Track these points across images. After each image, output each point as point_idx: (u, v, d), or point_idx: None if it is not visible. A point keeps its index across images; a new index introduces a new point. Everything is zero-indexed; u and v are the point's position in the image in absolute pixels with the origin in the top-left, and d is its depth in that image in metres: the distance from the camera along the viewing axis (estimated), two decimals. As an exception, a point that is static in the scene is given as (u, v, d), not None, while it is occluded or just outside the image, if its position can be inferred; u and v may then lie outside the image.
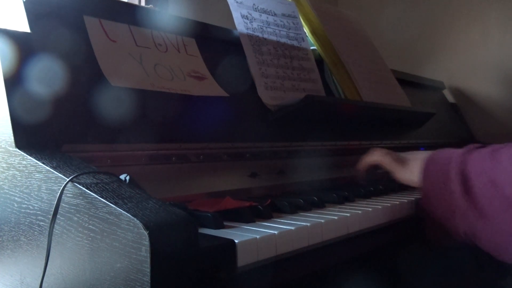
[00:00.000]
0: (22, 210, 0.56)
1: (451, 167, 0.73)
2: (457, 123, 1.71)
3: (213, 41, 0.94)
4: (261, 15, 1.05)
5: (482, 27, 1.72)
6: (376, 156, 0.90)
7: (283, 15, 1.12)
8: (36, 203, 0.54)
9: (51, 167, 0.52)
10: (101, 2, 0.78)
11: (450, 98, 1.78)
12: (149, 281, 0.40)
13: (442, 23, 1.82)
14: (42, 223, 0.53)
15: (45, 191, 0.52)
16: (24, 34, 0.65)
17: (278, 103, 0.95)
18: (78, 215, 0.48)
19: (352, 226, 0.66)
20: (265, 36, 1.03)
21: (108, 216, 0.44)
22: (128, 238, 0.42)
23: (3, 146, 0.59)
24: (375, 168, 0.92)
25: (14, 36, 0.63)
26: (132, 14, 0.82)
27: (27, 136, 0.58)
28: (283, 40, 1.07)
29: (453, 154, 0.76)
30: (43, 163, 0.54)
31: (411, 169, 0.83)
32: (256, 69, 0.97)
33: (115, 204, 0.44)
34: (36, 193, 0.54)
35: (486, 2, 1.71)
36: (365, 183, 0.94)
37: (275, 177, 0.88)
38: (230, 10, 1.00)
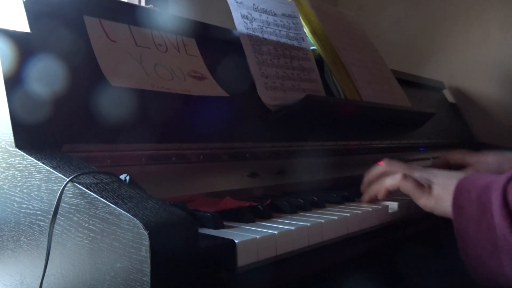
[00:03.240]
0: (22, 210, 0.56)
1: (492, 199, 0.61)
2: (457, 123, 1.71)
3: (213, 41, 0.94)
4: (261, 15, 1.05)
5: (482, 27, 1.72)
6: (395, 180, 0.76)
7: (283, 15, 1.12)
8: (36, 203, 0.54)
9: (51, 167, 0.52)
10: (101, 2, 0.78)
11: (450, 98, 1.78)
12: (149, 281, 0.40)
13: (442, 23, 1.82)
14: (42, 223, 0.53)
15: (45, 191, 0.52)
16: (24, 34, 0.65)
17: (278, 103, 0.95)
18: (78, 215, 0.48)
19: (352, 226, 0.66)
20: (265, 36, 1.03)
21: (108, 216, 0.44)
22: (128, 238, 0.42)
23: (3, 146, 0.59)
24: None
25: (14, 36, 0.63)
26: (132, 14, 0.82)
27: (27, 136, 0.58)
28: (283, 40, 1.07)
29: (492, 180, 0.64)
30: (43, 163, 0.54)
31: (437, 197, 0.71)
32: (256, 69, 0.97)
33: (115, 204, 0.44)
34: (36, 193, 0.54)
35: (486, 2, 1.71)
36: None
37: (275, 177, 0.88)
38: (230, 10, 1.00)
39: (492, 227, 0.61)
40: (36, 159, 0.54)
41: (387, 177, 0.79)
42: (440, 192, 0.71)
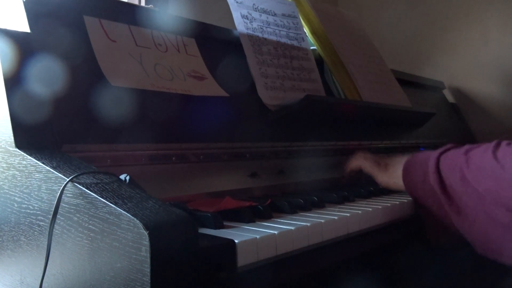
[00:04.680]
0: (22, 210, 0.56)
1: (428, 167, 0.76)
2: (457, 123, 1.71)
3: (213, 41, 0.94)
4: (261, 15, 1.05)
5: (482, 27, 1.72)
6: (357, 161, 0.94)
7: (283, 15, 1.12)
8: (36, 203, 0.54)
9: (51, 167, 0.52)
10: (101, 2, 0.78)
11: (450, 98, 1.78)
12: (149, 281, 0.40)
13: (442, 23, 1.82)
14: (42, 223, 0.53)
15: (45, 191, 0.52)
16: (24, 34, 0.65)
17: (278, 103, 0.95)
18: (78, 215, 0.48)
19: (352, 226, 0.66)
20: (265, 36, 1.03)
21: (108, 216, 0.44)
22: (128, 238, 0.42)
23: (3, 146, 0.59)
24: (359, 172, 0.95)
25: (14, 36, 0.63)
26: (132, 14, 0.82)
27: (27, 136, 0.58)
28: (283, 40, 1.07)
29: (430, 154, 0.78)
30: (43, 163, 0.54)
31: (391, 173, 0.86)
32: (256, 69, 0.97)
33: (115, 204, 0.44)
34: (36, 193, 0.54)
35: (486, 2, 1.71)
36: (348, 183, 0.98)
37: (275, 177, 0.88)
38: (230, 10, 1.00)
39: (432, 189, 0.75)
40: (36, 159, 0.54)
41: (352, 161, 0.96)
42: (392, 168, 0.86)
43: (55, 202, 0.49)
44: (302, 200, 0.72)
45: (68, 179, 0.49)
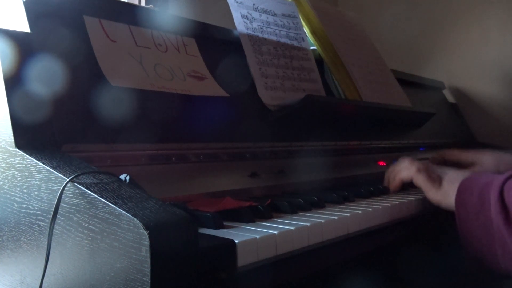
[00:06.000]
0: (22, 210, 0.56)
1: (490, 195, 0.69)
2: (457, 123, 1.71)
3: (213, 41, 0.94)
4: (261, 15, 1.05)
5: (482, 27, 1.72)
6: (410, 172, 0.86)
7: (283, 15, 1.12)
8: (36, 203, 0.54)
9: (51, 167, 0.52)
10: (101, 2, 0.78)
11: (450, 98, 1.78)
12: (149, 281, 0.40)
13: (442, 23, 1.82)
14: (42, 223, 0.53)
15: (45, 191, 0.52)
16: (24, 34, 0.65)
17: (278, 103, 0.95)
18: (78, 215, 0.48)
19: (352, 226, 0.66)
20: (265, 36, 1.03)
21: (108, 216, 0.44)
22: (128, 238, 0.42)
23: (3, 146, 0.59)
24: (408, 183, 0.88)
25: (14, 36, 0.63)
26: (132, 14, 0.82)
27: (27, 136, 0.58)
28: (283, 40, 1.07)
29: (492, 180, 0.71)
30: (43, 163, 0.54)
31: (445, 192, 0.79)
32: (256, 69, 0.97)
33: (115, 204, 0.44)
34: (36, 193, 0.54)
35: (486, 2, 1.71)
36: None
37: (275, 177, 0.88)
38: (230, 10, 1.00)
39: (489, 220, 0.68)
40: (36, 159, 0.54)
41: (402, 169, 0.88)
42: (447, 187, 0.79)
43: (55, 202, 0.49)
44: (302, 200, 0.72)
45: (68, 179, 0.49)
